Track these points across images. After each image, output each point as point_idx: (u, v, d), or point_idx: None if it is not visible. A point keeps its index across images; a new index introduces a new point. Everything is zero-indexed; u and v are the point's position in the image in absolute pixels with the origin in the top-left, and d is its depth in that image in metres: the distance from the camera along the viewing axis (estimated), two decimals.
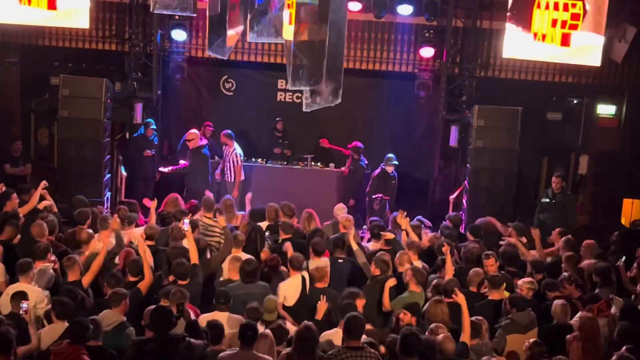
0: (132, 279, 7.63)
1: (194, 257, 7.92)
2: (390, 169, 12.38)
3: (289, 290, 7.80)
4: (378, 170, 12.52)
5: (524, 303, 7.37)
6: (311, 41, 6.75)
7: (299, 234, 9.44)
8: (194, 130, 12.47)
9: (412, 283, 7.73)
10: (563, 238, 9.49)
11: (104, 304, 6.97)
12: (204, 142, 12.51)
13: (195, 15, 11.13)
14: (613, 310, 7.51)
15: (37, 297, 6.98)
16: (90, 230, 8.74)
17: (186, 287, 7.24)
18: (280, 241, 9.10)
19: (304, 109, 6.86)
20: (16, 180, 11.57)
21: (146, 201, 10.13)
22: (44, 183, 9.69)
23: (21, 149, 12.86)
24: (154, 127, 12.82)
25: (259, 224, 9.55)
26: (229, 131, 12.62)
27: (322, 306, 7.25)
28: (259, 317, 6.86)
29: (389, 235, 8.99)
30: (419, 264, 8.44)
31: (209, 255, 8.68)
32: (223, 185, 12.59)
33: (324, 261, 8.38)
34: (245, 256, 8.20)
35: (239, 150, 12.56)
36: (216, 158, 12.97)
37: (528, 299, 7.61)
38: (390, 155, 12.45)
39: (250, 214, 9.89)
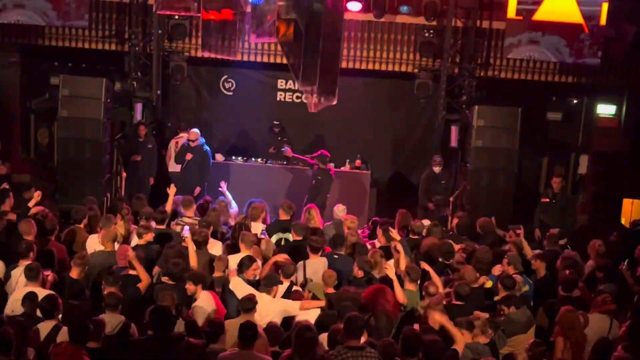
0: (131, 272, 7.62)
1: (193, 263, 7.93)
2: (437, 169, 12.26)
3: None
4: (427, 172, 12.42)
5: (519, 301, 7.38)
6: (305, 42, 6.78)
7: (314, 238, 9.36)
8: (196, 130, 12.44)
9: (407, 281, 7.74)
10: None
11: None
12: (202, 140, 12.46)
13: (199, 14, 11.22)
14: None
15: None
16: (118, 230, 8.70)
17: (175, 287, 7.26)
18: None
19: (311, 110, 6.87)
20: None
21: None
22: (38, 193, 9.66)
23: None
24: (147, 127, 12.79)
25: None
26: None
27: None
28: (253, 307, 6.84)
29: (396, 236, 8.96)
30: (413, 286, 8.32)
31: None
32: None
33: (322, 260, 8.36)
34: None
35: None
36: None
37: (519, 296, 7.65)
38: (436, 156, 12.39)
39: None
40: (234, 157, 13.20)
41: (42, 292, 6.90)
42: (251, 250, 8.32)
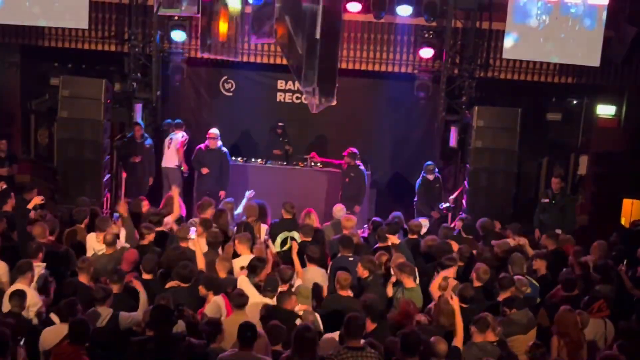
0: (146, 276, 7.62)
1: (201, 264, 7.90)
2: (431, 177, 12.28)
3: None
4: (420, 180, 12.44)
5: (520, 302, 7.38)
6: (302, 42, 6.78)
7: (318, 237, 9.38)
8: (215, 130, 12.45)
9: (405, 278, 7.73)
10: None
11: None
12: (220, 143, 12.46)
13: (199, 15, 11.26)
14: None
15: (32, 299, 6.96)
16: (113, 232, 8.69)
17: (188, 290, 7.25)
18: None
19: (313, 111, 6.88)
20: (1, 180, 11.45)
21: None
22: (40, 198, 9.67)
23: (7, 148, 12.52)
24: (142, 127, 12.79)
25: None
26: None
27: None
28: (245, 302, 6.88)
29: (394, 240, 8.93)
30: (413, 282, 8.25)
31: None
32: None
33: (318, 271, 8.33)
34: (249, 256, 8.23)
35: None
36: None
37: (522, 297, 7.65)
38: (429, 163, 12.41)
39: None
40: (233, 158, 13.20)
41: (28, 290, 6.92)
42: (249, 250, 8.35)
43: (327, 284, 8.28)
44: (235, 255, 8.49)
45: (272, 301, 7.22)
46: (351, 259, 8.50)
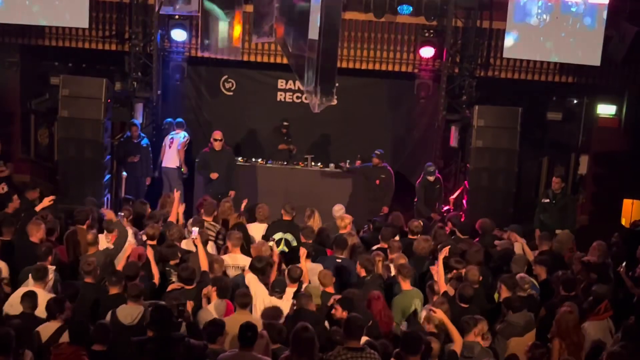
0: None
1: (204, 265, 7.90)
2: (431, 178, 12.24)
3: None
4: (420, 181, 12.42)
5: (519, 304, 7.37)
6: (295, 41, 6.79)
7: (319, 239, 9.39)
8: (220, 132, 12.39)
9: (401, 280, 7.73)
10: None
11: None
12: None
13: (199, 14, 11.26)
14: None
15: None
16: (95, 231, 8.70)
17: (192, 291, 7.26)
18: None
19: (314, 111, 6.89)
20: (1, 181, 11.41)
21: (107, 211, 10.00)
22: (50, 198, 9.66)
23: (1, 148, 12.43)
24: (139, 127, 12.78)
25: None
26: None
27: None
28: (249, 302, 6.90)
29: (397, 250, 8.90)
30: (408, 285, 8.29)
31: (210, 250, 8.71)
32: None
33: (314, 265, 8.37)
34: (240, 256, 8.23)
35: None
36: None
37: (523, 296, 7.64)
38: (429, 164, 12.37)
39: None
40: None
41: (41, 293, 6.91)
42: (238, 248, 8.36)
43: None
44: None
45: (280, 302, 7.23)
46: (339, 260, 8.48)
